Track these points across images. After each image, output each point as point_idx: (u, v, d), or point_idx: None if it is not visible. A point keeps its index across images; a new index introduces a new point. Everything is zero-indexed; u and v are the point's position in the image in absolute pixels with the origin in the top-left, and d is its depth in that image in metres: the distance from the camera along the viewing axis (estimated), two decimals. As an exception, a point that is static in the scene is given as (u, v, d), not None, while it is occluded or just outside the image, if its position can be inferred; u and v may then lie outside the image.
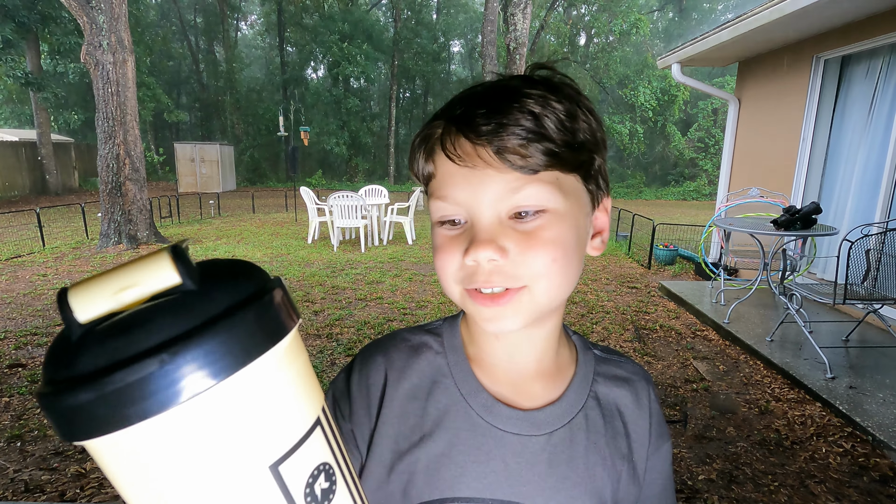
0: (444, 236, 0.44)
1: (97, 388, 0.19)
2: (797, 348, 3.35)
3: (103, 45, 6.86)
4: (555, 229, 0.42)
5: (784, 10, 3.88)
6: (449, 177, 0.42)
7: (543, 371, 0.50)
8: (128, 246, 7.21)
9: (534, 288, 0.42)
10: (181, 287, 0.21)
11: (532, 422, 0.47)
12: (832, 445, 2.38)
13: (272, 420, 0.23)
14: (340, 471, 0.25)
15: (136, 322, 0.20)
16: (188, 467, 0.21)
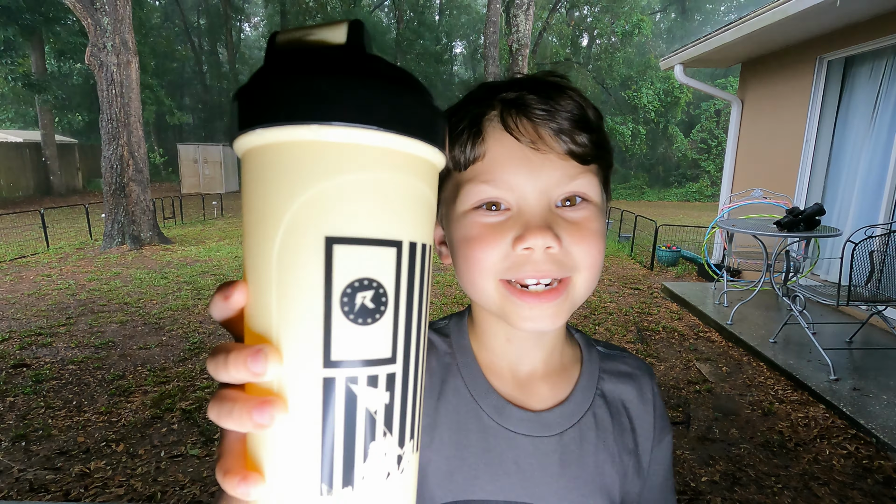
0: (483, 224, 0.41)
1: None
2: (801, 350, 3.34)
3: (107, 46, 6.89)
4: (598, 222, 0.42)
5: (787, 11, 3.87)
6: (505, 159, 0.40)
7: (550, 371, 0.50)
8: (131, 246, 7.23)
9: (576, 279, 0.42)
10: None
11: (543, 423, 0.47)
12: (836, 447, 2.37)
13: (361, 202, 0.22)
14: (396, 308, 0.23)
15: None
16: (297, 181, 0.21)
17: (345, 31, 0.23)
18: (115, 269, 6.03)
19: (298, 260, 0.21)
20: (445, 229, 0.47)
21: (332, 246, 0.21)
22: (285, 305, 0.22)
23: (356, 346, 0.22)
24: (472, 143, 0.41)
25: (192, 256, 6.89)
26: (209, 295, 4.94)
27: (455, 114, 0.43)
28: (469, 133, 0.42)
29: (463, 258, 0.43)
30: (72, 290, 5.08)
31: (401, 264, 0.23)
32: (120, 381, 3.05)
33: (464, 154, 0.42)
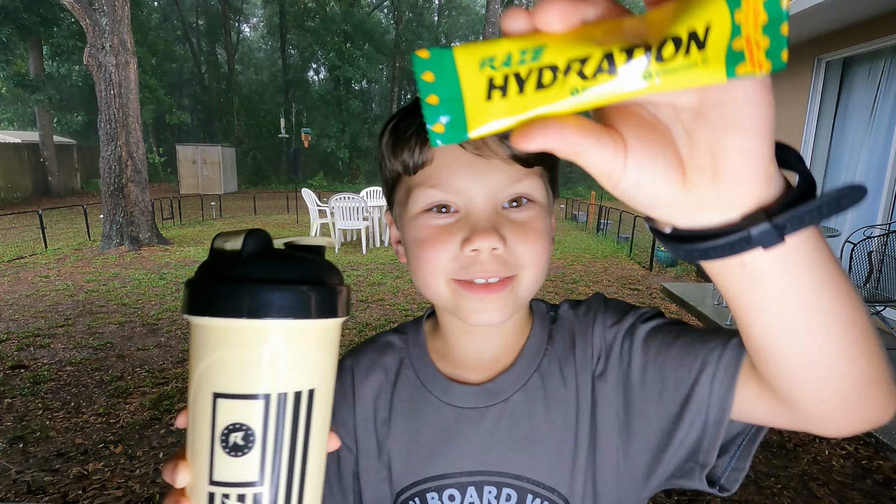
0: (433, 226, 0.43)
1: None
2: (799, 350, 3.34)
3: (106, 47, 6.88)
4: (542, 221, 0.45)
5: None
6: (451, 164, 0.42)
7: (508, 352, 0.52)
8: (129, 247, 7.22)
9: (522, 277, 0.44)
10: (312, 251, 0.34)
11: (487, 393, 0.49)
12: (835, 448, 2.38)
13: (235, 368, 0.30)
14: (263, 445, 0.30)
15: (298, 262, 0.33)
16: (210, 355, 0.31)
17: (240, 241, 0.31)
18: (114, 270, 6.02)
19: (198, 407, 0.31)
20: (400, 230, 0.49)
21: (216, 399, 0.30)
22: (193, 437, 0.31)
23: (230, 471, 0.30)
24: (419, 149, 0.43)
25: (190, 257, 6.88)
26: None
27: (404, 119, 0.45)
28: (416, 139, 0.43)
29: (415, 258, 0.45)
30: (70, 291, 5.07)
31: (269, 412, 0.30)
32: (118, 383, 3.04)
33: (412, 159, 0.44)
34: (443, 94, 0.21)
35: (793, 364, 0.29)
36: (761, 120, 0.21)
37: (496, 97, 0.21)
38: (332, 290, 0.32)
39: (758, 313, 0.28)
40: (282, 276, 0.31)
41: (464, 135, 0.21)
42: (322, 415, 0.33)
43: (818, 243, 0.26)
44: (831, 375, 0.29)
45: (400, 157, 0.45)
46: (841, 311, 0.27)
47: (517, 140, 0.20)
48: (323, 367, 0.33)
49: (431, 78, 0.21)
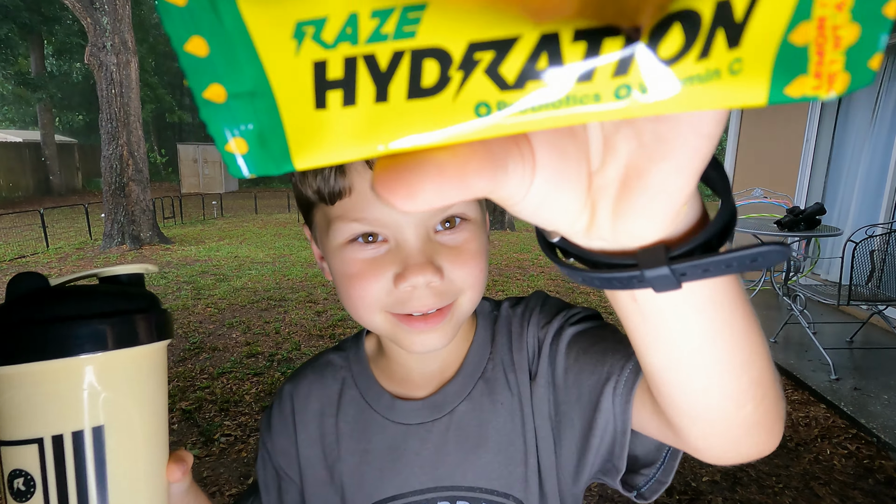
0: (359, 261, 0.40)
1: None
2: (801, 349, 3.34)
3: (107, 46, 6.88)
4: (478, 240, 0.43)
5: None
6: (373, 195, 0.38)
7: (453, 361, 0.50)
8: (131, 246, 7.23)
9: (461, 300, 0.42)
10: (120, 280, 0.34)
11: (432, 407, 0.48)
12: (837, 447, 2.37)
13: (8, 414, 0.30)
14: (45, 489, 0.30)
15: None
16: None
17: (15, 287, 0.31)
18: (115, 269, 6.02)
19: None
20: (324, 255, 0.45)
21: (1, 447, 0.31)
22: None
23: None
24: (335, 177, 0.39)
25: (191, 256, 6.89)
26: (209, 294, 4.94)
27: None
28: (331, 167, 0.39)
29: (345, 293, 0.42)
30: (71, 290, 5.08)
31: (44, 456, 0.30)
32: (120, 382, 3.05)
33: (327, 187, 0.39)
34: (233, 84, 0.12)
35: (678, 397, 0.28)
36: (702, 158, 0.16)
37: (335, 104, 0.12)
38: (104, 322, 0.30)
39: (646, 345, 0.26)
40: (38, 316, 0.30)
41: (286, 163, 0.13)
42: (123, 451, 0.32)
43: (723, 285, 0.22)
44: (716, 415, 0.28)
45: (312, 184, 0.40)
46: (736, 356, 0.25)
47: (390, 197, 0.14)
48: (113, 402, 0.31)
49: (204, 50, 0.12)
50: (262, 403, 2.78)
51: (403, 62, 0.11)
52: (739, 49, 0.11)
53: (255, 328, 4.02)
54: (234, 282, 5.47)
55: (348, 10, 0.11)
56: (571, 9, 0.11)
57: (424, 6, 0.11)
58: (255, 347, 3.60)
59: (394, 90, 0.12)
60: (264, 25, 0.11)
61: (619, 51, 0.11)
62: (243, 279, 5.60)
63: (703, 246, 0.19)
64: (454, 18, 0.11)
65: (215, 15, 0.11)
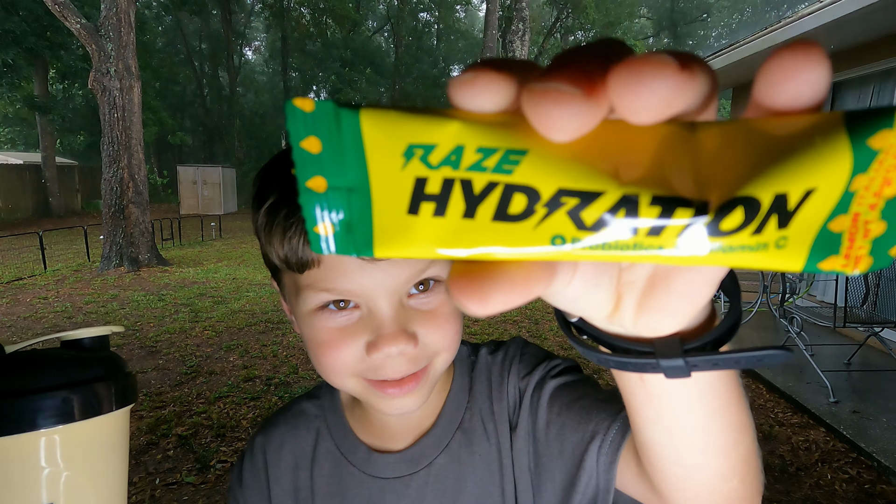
0: (330, 329, 0.39)
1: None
2: (799, 372, 3.34)
3: (111, 71, 7.01)
4: (453, 308, 0.42)
5: (776, 39, 3.98)
6: (341, 265, 0.37)
7: (432, 410, 0.49)
8: (129, 268, 7.23)
9: (436, 361, 0.42)
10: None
11: (409, 460, 0.47)
12: (837, 472, 2.36)
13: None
14: None
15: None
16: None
17: None
18: (113, 292, 6.01)
19: None
20: (294, 316, 0.44)
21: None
22: None
23: None
24: (303, 247, 0.38)
25: (189, 278, 6.88)
26: (206, 317, 4.92)
27: (284, 201, 0.39)
28: (300, 235, 0.38)
29: (316, 359, 0.41)
30: (68, 312, 5.06)
31: None
32: (115, 406, 3.02)
33: (295, 257, 0.38)
34: (335, 179, 0.14)
35: (669, 470, 0.30)
36: (724, 272, 0.19)
37: (426, 213, 0.14)
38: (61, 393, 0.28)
39: (646, 422, 0.28)
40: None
41: (367, 250, 0.14)
42: None
43: (724, 375, 0.25)
44: (703, 489, 0.29)
45: (279, 252, 0.39)
46: (728, 436, 0.27)
47: (465, 301, 0.15)
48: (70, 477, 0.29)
49: (317, 148, 0.14)
50: (258, 428, 2.76)
51: (496, 191, 0.13)
52: (787, 230, 0.13)
53: (252, 351, 4.00)
54: (232, 304, 5.46)
55: (457, 142, 0.13)
56: (653, 176, 0.13)
57: (525, 152, 0.13)
58: (253, 371, 3.58)
59: (481, 211, 0.13)
60: (379, 140, 0.13)
61: (687, 219, 0.13)
62: (241, 301, 5.59)
63: (714, 342, 0.21)
64: (550, 166, 0.13)
65: (336, 123, 0.13)
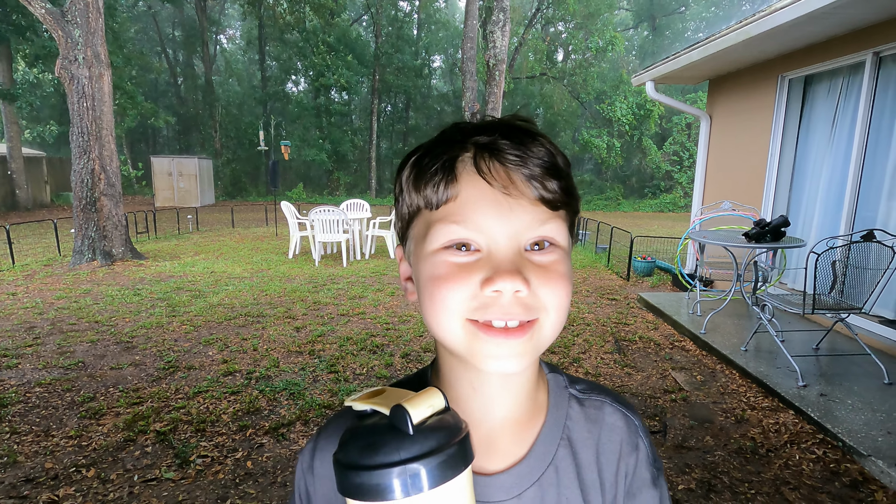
0: (451, 263, 0.41)
1: (428, 463, 0.32)
2: (771, 357, 3.45)
3: (79, 59, 6.76)
4: (565, 265, 0.43)
5: (750, 32, 4.05)
6: (476, 201, 0.41)
7: (515, 420, 0.48)
8: (102, 262, 7.04)
9: (544, 322, 0.42)
10: (445, 409, 0.37)
11: (499, 486, 0.46)
12: (805, 452, 2.45)
13: (471, 500, 0.35)
14: None
15: (439, 427, 0.35)
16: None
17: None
18: (86, 287, 5.85)
19: None
20: (413, 267, 0.46)
21: None
22: None
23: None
24: (444, 184, 0.41)
25: (166, 272, 6.74)
26: (184, 311, 4.84)
27: (429, 153, 0.43)
28: (443, 174, 0.42)
29: (429, 296, 0.42)
30: (39, 308, 4.92)
31: None
32: (90, 403, 2.95)
33: (436, 194, 0.42)
34: None
35: None
36: None
37: None
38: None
39: None
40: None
41: None
42: None
43: None
44: None
45: (423, 191, 0.43)
46: None
47: None
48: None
49: None
50: (239, 423, 2.74)
51: None
52: None
53: (232, 345, 3.95)
54: (211, 298, 5.37)
55: None
56: None
57: None
58: (233, 365, 3.54)
59: None
60: None
61: None
62: (220, 295, 5.51)
63: None
64: None
65: None
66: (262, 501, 2.11)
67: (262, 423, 2.75)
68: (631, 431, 0.51)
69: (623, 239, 7.65)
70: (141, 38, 24.93)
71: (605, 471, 0.49)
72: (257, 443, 2.56)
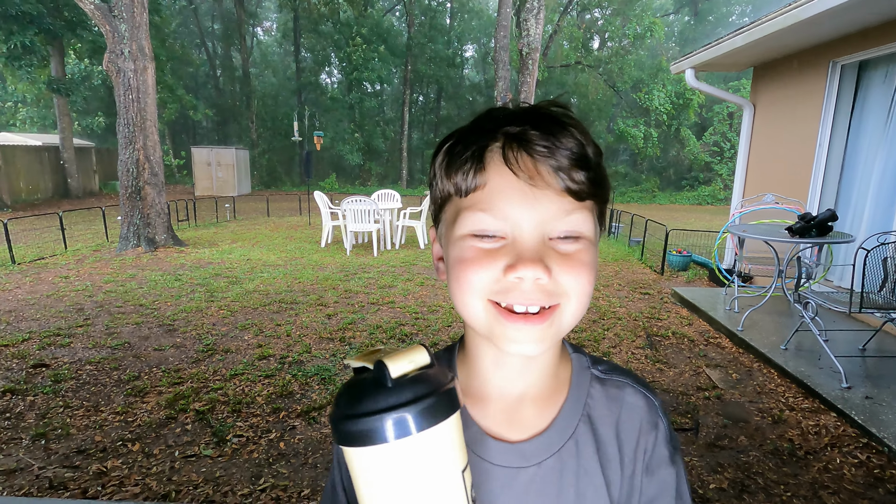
0: (477, 248, 0.43)
1: (421, 405, 0.34)
2: (812, 357, 3.31)
3: (124, 52, 7.04)
4: (589, 254, 0.44)
5: (799, 16, 3.85)
6: (502, 190, 0.42)
7: (537, 395, 0.50)
8: (146, 248, 7.36)
9: (564, 308, 0.43)
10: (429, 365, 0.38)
11: (520, 454, 0.49)
12: (847, 456, 2.35)
13: (460, 442, 0.38)
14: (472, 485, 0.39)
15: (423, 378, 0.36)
16: (442, 459, 0.36)
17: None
18: (131, 271, 6.14)
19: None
20: (444, 248, 0.49)
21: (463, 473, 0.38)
22: None
23: None
24: (473, 172, 0.43)
25: (204, 259, 7.00)
26: (222, 297, 5.02)
27: (461, 140, 0.45)
28: (472, 163, 0.43)
29: (455, 278, 0.44)
30: (89, 291, 5.19)
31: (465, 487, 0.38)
32: (135, 382, 3.12)
33: (465, 182, 0.43)
34: None
35: None
36: None
37: None
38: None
39: None
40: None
41: None
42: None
43: None
44: None
45: (453, 178, 0.44)
46: None
47: None
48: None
49: None
50: (273, 405, 2.83)
51: None
52: None
53: (266, 331, 4.08)
54: (247, 284, 5.55)
55: None
56: None
57: None
58: (267, 350, 3.66)
59: None
60: None
61: None
62: (255, 282, 5.68)
63: None
64: None
65: None
66: (294, 481, 2.19)
67: (295, 406, 2.84)
68: (651, 411, 0.52)
69: (658, 232, 7.45)
70: (182, 31, 25.67)
71: (625, 447, 0.50)
72: (290, 425, 2.65)
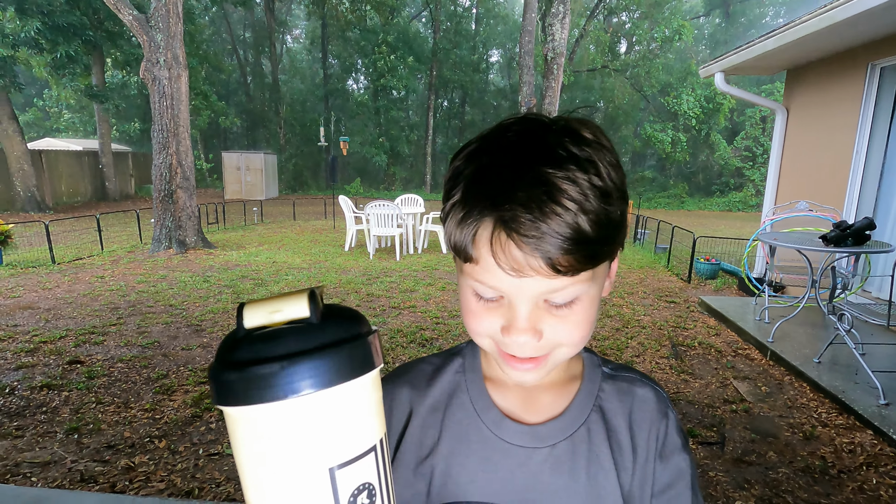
0: (476, 303, 0.46)
1: (242, 373, 0.29)
2: (848, 371, 3.18)
3: (160, 61, 7.30)
4: (586, 311, 0.45)
5: (835, 17, 3.72)
6: (493, 270, 0.42)
7: (553, 382, 0.55)
8: (177, 250, 7.59)
9: (556, 352, 0.47)
10: (308, 319, 0.31)
11: (536, 435, 0.52)
12: (884, 476, 2.25)
13: (343, 431, 0.30)
14: (381, 495, 0.32)
15: (275, 336, 0.30)
16: (280, 447, 0.29)
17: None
18: (162, 273, 6.34)
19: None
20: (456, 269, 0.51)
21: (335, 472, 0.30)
22: None
23: None
24: (470, 244, 0.43)
25: (232, 261, 7.17)
26: (248, 299, 5.12)
27: (467, 206, 0.43)
28: (472, 235, 0.42)
29: (463, 313, 0.49)
30: (122, 291, 5.39)
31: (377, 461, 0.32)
32: (164, 380, 3.21)
33: (462, 251, 0.44)
34: None
35: None
36: None
37: None
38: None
39: None
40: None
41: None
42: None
43: None
44: None
45: (453, 238, 0.44)
46: None
47: None
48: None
49: None
50: (294, 406, 2.88)
51: None
52: None
53: (290, 332, 4.14)
54: (272, 287, 5.66)
55: None
56: None
57: None
58: (290, 351, 3.71)
59: None
60: None
61: None
62: (280, 284, 5.79)
63: None
64: None
65: None
66: (313, 483, 2.21)
67: (316, 408, 2.88)
68: (661, 402, 0.55)
69: (685, 239, 7.28)
70: (215, 40, 26.48)
71: (637, 435, 0.53)
72: (310, 427, 2.68)
